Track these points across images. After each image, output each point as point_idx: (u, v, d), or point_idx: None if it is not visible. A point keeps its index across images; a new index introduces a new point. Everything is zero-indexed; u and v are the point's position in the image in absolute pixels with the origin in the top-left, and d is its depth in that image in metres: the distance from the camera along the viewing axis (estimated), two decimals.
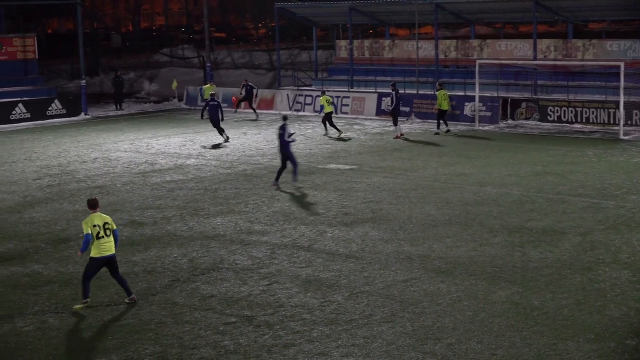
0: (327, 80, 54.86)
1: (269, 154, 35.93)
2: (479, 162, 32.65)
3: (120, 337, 16.17)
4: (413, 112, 45.81)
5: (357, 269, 19.84)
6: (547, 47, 46.92)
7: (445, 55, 51.05)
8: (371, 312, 17.05)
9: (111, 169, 33.17)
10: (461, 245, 21.40)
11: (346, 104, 48.55)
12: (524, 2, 46.52)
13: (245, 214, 25.29)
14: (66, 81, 68.19)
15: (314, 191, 28.18)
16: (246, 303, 17.81)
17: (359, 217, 24.57)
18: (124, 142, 40.31)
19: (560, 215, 24.05)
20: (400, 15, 54.92)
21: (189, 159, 35.27)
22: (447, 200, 26.31)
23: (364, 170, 31.62)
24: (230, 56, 78.95)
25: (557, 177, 29.34)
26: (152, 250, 21.84)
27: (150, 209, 26.26)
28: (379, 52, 54.60)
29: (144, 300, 18.14)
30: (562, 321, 16.30)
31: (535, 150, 35.14)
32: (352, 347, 15.38)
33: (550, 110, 42.27)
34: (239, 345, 15.65)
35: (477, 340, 15.50)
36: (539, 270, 19.31)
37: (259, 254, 21.25)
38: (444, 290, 18.23)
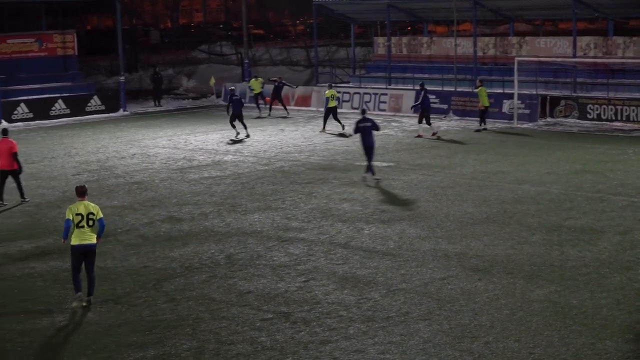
0: (364, 77, 54.78)
1: (306, 150, 35.96)
2: (517, 160, 32.48)
3: (158, 333, 16.22)
4: (451, 110, 45.64)
5: (394, 266, 19.81)
6: (587, 45, 46.52)
7: (484, 52, 50.78)
8: (408, 310, 17.01)
9: (149, 165, 33.36)
10: (499, 244, 21.30)
11: (384, 101, 48.47)
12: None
13: (282, 211, 25.33)
14: (105, 77, 68.60)
15: (351, 188, 28.16)
16: (283, 299, 17.82)
17: (397, 214, 24.53)
18: (162, 139, 40.50)
19: (600, 214, 23.88)
20: (438, 12, 54.71)
21: (226, 155, 35.37)
22: (485, 198, 26.20)
23: (402, 167, 31.56)
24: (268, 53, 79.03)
25: (597, 176, 29.13)
26: (189, 246, 21.93)
27: (188, 205, 26.37)
28: (417, 49, 54.43)
29: (181, 296, 18.21)
30: (600, 321, 16.16)
31: (574, 148, 34.90)
32: (389, 345, 15.34)
33: (590, 108, 41.94)
34: (275, 341, 15.66)
35: (514, 339, 15.41)
36: (578, 269, 19.18)
37: (296, 251, 21.27)
38: (481, 288, 18.15)
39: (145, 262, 20.67)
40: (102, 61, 72.67)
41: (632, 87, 43.26)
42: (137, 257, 21.15)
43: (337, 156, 34.38)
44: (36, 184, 30.02)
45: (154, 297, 18.23)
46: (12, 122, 45.39)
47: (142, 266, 20.38)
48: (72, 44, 54.15)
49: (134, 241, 22.55)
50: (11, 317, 17.28)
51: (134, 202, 27.00)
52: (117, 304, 17.87)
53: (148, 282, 19.19)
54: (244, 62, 61.33)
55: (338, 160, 33.36)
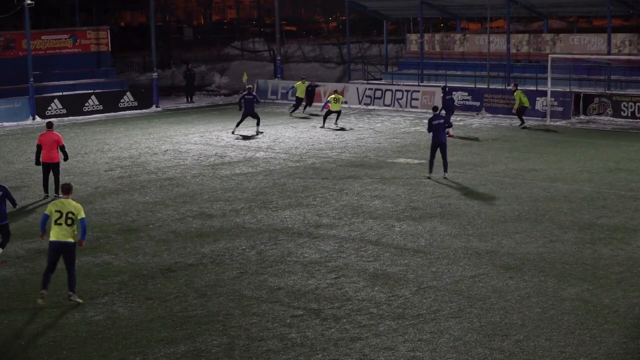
0: (397, 74, 54.70)
1: (337, 147, 35.95)
2: (549, 157, 32.31)
3: (189, 328, 16.27)
4: (483, 107, 45.47)
5: (424, 263, 19.78)
6: (622, 42, 46.19)
7: (517, 49, 50.54)
8: (438, 307, 16.98)
9: (181, 161, 33.47)
10: (530, 242, 21.21)
11: (416, 98, 48.36)
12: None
13: (313, 207, 25.34)
14: (138, 74, 68.90)
15: (383, 185, 28.13)
16: (313, 296, 17.84)
17: (428, 211, 24.48)
18: (194, 135, 40.63)
19: (633, 213, 23.71)
20: (471, 9, 54.56)
21: (258, 152, 35.43)
22: (517, 195, 26.09)
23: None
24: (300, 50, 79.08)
25: (630, 174, 28.91)
26: (220, 242, 21.97)
27: (219, 201, 26.43)
28: (449, 46, 54.27)
29: (212, 292, 18.26)
30: (633, 320, 16.07)
31: (608, 146, 34.68)
32: (419, 342, 15.32)
33: (624, 105, 41.65)
34: (305, 338, 15.68)
35: (545, 338, 15.35)
36: (610, 268, 19.06)
37: (326, 248, 21.27)
38: (512, 286, 18.08)
39: (177, 258, 20.73)
40: (135, 57, 72.99)
41: None
42: (169, 252, 21.22)
43: (368, 153, 34.34)
44: (69, 179, 30.10)
45: (184, 292, 18.28)
46: (45, 118, 45.57)
47: (173, 262, 20.45)
48: (105, 40, 54.47)
49: (165, 237, 22.63)
50: (44, 312, 17.39)
51: (165, 198, 27.10)
52: (148, 299, 17.95)
53: (179, 277, 19.25)
54: (276, 58, 61.41)
55: (370, 157, 33.33)
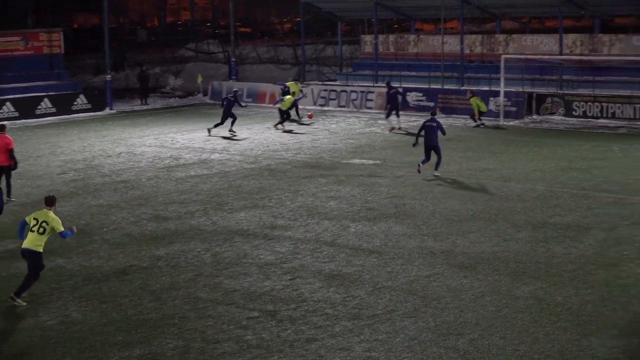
0: (351, 75, 54.76)
1: (292, 148, 35.93)
2: (503, 157, 32.54)
3: (144, 332, 16.19)
4: (438, 107, 45.64)
5: (380, 264, 19.82)
6: (573, 42, 46.63)
7: (471, 50, 50.86)
8: (394, 307, 17.03)
9: (136, 164, 33.28)
10: (485, 241, 21.34)
11: (370, 99, 48.48)
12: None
13: (268, 209, 25.31)
14: (91, 76, 68.39)
15: (338, 186, 28.16)
16: (269, 298, 17.81)
17: (383, 212, 24.54)
18: (148, 137, 40.42)
19: (585, 211, 23.95)
20: (425, 10, 54.75)
21: (213, 153, 35.32)
22: (471, 195, 26.25)
23: (388, 165, 31.59)
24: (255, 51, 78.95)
25: (582, 173, 29.21)
26: (175, 245, 21.87)
27: (174, 204, 26.32)
28: (404, 47, 54.46)
29: (167, 295, 18.18)
30: (585, 317, 16.23)
31: (560, 145, 34.99)
32: (375, 342, 15.36)
33: (576, 105, 42.05)
34: (261, 339, 15.65)
35: (499, 336, 15.45)
36: (563, 266, 19.23)
37: (282, 249, 21.25)
38: (466, 285, 18.19)
39: (131, 261, 20.61)
40: (89, 60, 72.47)
41: (618, 84, 43.40)
42: (123, 255, 21.08)
43: (323, 154, 34.37)
44: (21, 183, 29.89)
45: (139, 296, 18.18)
46: None
47: (127, 265, 20.33)
48: (58, 42, 53.93)
49: (120, 240, 22.49)
50: None
51: (120, 201, 26.92)
52: (103, 303, 17.82)
53: (134, 280, 19.14)
54: (231, 60, 61.28)
55: (325, 159, 33.36)
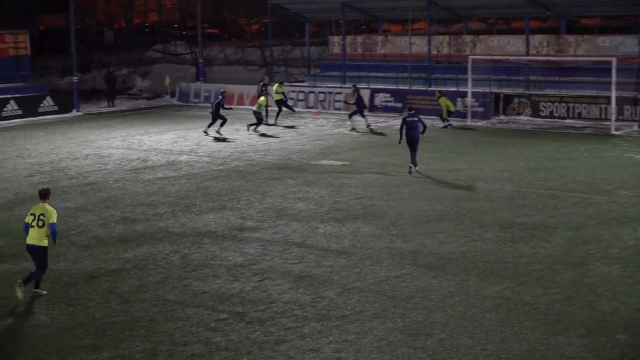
0: (319, 76, 54.77)
1: (260, 150, 35.90)
2: (471, 157, 32.67)
3: (112, 334, 16.11)
4: (406, 108, 45.73)
5: (348, 265, 19.83)
6: (540, 43, 46.90)
7: (438, 50, 51.02)
8: (362, 308, 17.04)
9: (103, 166, 33.11)
10: (453, 241, 21.42)
11: (338, 100, 48.49)
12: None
13: (237, 210, 25.27)
14: (58, 78, 67.92)
15: (306, 187, 28.16)
16: (238, 299, 17.78)
17: (351, 213, 24.56)
18: (116, 139, 40.23)
19: (552, 211, 24.10)
20: (393, 11, 54.85)
21: (181, 155, 35.22)
22: (439, 196, 26.32)
23: (356, 166, 31.62)
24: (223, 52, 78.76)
25: (549, 173, 29.38)
26: (143, 247, 21.79)
27: (142, 206, 26.21)
28: (371, 48, 54.54)
29: (135, 297, 18.10)
30: (553, 316, 16.33)
31: (527, 145, 35.18)
32: (344, 343, 15.36)
33: (543, 105, 42.31)
34: (230, 341, 15.62)
35: (468, 336, 15.51)
36: (531, 266, 19.34)
37: (251, 251, 21.22)
38: (435, 285, 18.23)
39: (99, 264, 20.50)
40: (55, 61, 71.98)
41: (584, 84, 43.67)
42: (91, 258, 20.97)
43: (292, 155, 34.36)
44: None
45: (107, 299, 18.10)
46: None
47: (95, 268, 20.22)
48: (24, 44, 53.53)
49: (88, 242, 22.37)
50: None
51: (87, 204, 26.78)
52: (70, 305, 17.73)
53: (101, 283, 19.04)
54: (198, 61, 61.11)
55: (293, 160, 33.35)
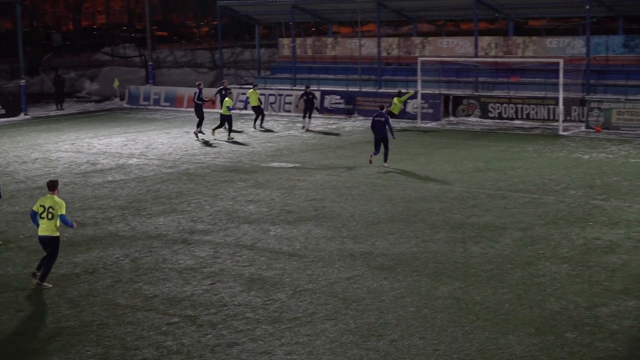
0: (270, 79, 54.71)
1: (211, 152, 35.79)
2: (421, 159, 32.82)
3: (62, 340, 15.98)
4: (356, 110, 45.90)
5: (300, 267, 19.84)
6: (488, 45, 47.26)
7: (388, 52, 51.20)
8: (314, 310, 17.05)
9: (52, 170, 32.81)
10: (404, 242, 21.50)
11: (289, 102, 48.50)
12: (465, 0, 46.80)
13: (187, 214, 25.17)
14: (5, 81, 67.13)
15: (257, 189, 28.12)
16: (189, 303, 17.71)
17: (302, 215, 24.58)
18: (64, 142, 39.90)
19: (502, 211, 24.29)
20: (342, 13, 54.95)
21: (130, 158, 35.01)
22: (390, 197, 26.42)
23: (307, 168, 31.64)
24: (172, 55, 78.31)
25: (498, 173, 29.61)
26: (94, 251, 21.64)
27: (91, 210, 26.01)
28: (321, 50, 54.60)
29: (85, 302, 17.96)
30: (503, 315, 16.45)
31: (477, 146, 35.44)
32: (296, 345, 15.37)
33: (491, 106, 42.64)
34: (182, 345, 15.56)
35: (419, 336, 15.57)
36: (481, 266, 19.47)
37: (202, 254, 21.15)
38: (386, 287, 18.29)
39: None
40: (2, 64, 71.15)
41: (532, 85, 44.11)
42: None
43: (242, 158, 34.30)
44: None
45: (57, 303, 17.95)
46: None
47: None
48: None
49: (36, 247, 21.80)
50: None
51: None
52: (19, 311, 17.56)
53: (51, 288, 18.88)
54: (147, 64, 60.78)
55: (244, 162, 33.29)
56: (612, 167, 30.27)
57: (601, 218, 23.28)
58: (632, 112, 38.30)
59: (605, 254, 20.16)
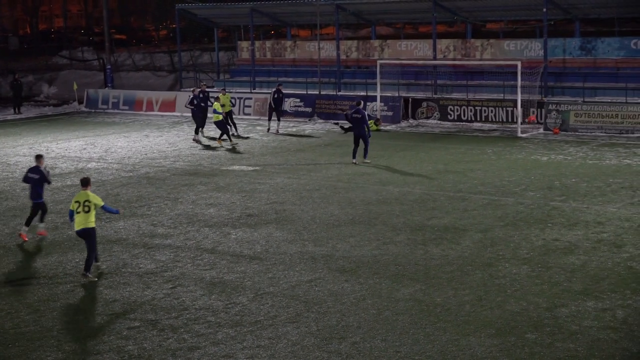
0: (229, 82, 54.61)
1: (171, 156, 35.64)
2: (381, 161, 32.87)
3: (22, 345, 15.87)
4: (315, 113, 45.92)
5: (261, 270, 19.80)
6: (447, 47, 47.53)
7: (347, 55, 51.31)
8: (276, 313, 17.04)
9: (10, 174, 32.51)
10: (365, 245, 21.51)
11: (248, 106, 48.42)
12: (424, 3, 47.00)
13: (148, 217, 25.04)
14: None
15: (217, 193, 28.03)
16: (150, 307, 17.63)
17: (263, 218, 24.53)
18: (22, 147, 39.54)
19: (462, 213, 24.38)
20: (301, 16, 55.00)
21: (90, 162, 34.77)
22: (350, 199, 26.44)
23: (268, 171, 31.60)
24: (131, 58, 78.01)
25: (458, 175, 29.72)
26: (53, 256, 21.47)
27: (50, 214, 25.68)
28: (280, 53, 54.62)
29: (45, 307, 17.83)
30: (464, 317, 16.51)
31: (437, 149, 35.56)
32: (258, 349, 15.35)
33: (450, 109, 42.83)
34: (143, 349, 15.49)
35: (381, 338, 15.60)
36: (441, 268, 19.52)
37: (162, 257, 21.05)
38: (348, 289, 18.29)
39: (7, 274, 20.18)
40: None
41: (490, 88, 44.39)
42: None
43: (202, 161, 34.19)
44: None
45: (16, 308, 17.80)
46: None
47: (3, 278, 19.89)
48: None
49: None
50: None
51: None
52: None
53: (10, 294, 18.73)
54: (106, 67, 60.44)
55: (204, 166, 33.19)
56: (571, 169, 30.51)
57: (560, 219, 23.42)
58: (590, 114, 38.64)
59: (565, 255, 20.28)
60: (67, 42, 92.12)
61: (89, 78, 67.74)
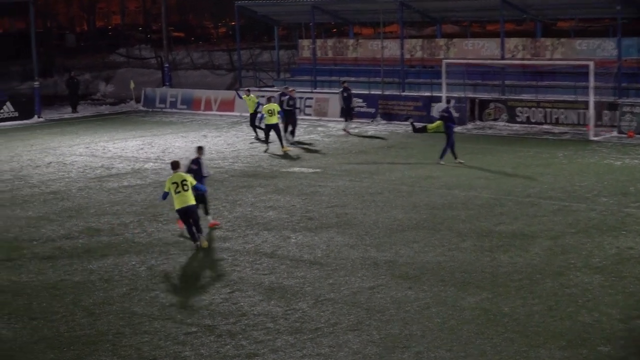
0: (289, 81, 54.21)
1: (230, 157, 35.40)
2: (446, 164, 32.24)
3: (77, 349, 15.76)
4: (378, 114, 45.37)
5: (322, 275, 19.47)
6: (515, 46, 46.65)
7: (411, 54, 50.65)
8: (337, 320, 16.72)
9: (66, 174, 32.51)
10: (429, 251, 21.08)
11: (309, 105, 48.06)
12: (491, 0, 46.24)
13: (206, 220, 24.69)
14: (18, 83, 66.80)
15: (277, 195, 27.70)
16: (207, 312, 17.43)
17: (324, 222, 24.17)
18: (79, 146, 39.61)
19: (531, 219, 23.79)
20: (364, 14, 54.54)
21: (147, 162, 34.67)
22: (414, 204, 25.94)
23: (329, 173, 31.19)
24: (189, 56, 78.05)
25: (527, 180, 29.07)
26: (109, 258, 21.34)
27: (107, 215, 25.65)
28: (342, 51, 54.18)
29: (101, 310, 17.70)
30: (533, 328, 16.07)
31: (504, 152, 34.94)
32: (318, 357, 15.08)
33: (519, 110, 42.03)
34: (200, 355, 15.29)
35: (446, 349, 15.23)
36: (509, 276, 19.04)
37: (220, 261, 20.86)
38: (411, 296, 17.91)
39: (62, 276, 20.09)
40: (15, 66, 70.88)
41: (561, 89, 43.43)
42: (54, 270, 20.54)
43: (262, 163, 33.89)
44: None
45: (72, 312, 17.73)
46: None
47: (59, 280, 19.83)
48: None
49: (51, 253, 21.93)
50: None
51: (50, 213, 26.23)
52: (33, 319, 17.37)
53: (65, 296, 18.66)
54: (163, 65, 60.51)
55: (263, 167, 32.88)
56: None
57: (635, 227, 22.75)
58: None
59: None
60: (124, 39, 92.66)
61: (146, 76, 67.87)
